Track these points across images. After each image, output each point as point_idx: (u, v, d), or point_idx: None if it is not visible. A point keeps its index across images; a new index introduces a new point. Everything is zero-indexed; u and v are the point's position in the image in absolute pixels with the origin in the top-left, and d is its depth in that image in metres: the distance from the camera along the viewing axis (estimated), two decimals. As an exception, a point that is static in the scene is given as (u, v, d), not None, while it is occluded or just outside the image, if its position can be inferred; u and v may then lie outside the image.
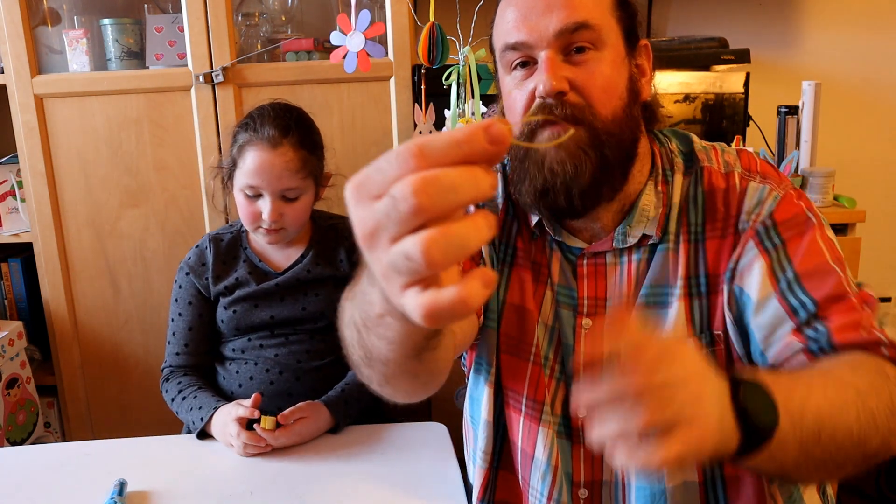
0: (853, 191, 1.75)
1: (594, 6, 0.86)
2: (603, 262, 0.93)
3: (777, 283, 0.84)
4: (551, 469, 0.94)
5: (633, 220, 0.91)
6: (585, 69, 0.85)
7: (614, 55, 0.87)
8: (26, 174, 1.80)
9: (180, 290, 1.47)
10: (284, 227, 1.41)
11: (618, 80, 0.87)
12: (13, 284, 1.97)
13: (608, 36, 0.86)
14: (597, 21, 0.85)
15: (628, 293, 0.91)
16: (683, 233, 0.90)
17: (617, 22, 0.88)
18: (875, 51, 2.13)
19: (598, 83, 0.85)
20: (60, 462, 1.21)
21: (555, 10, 0.85)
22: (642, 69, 0.92)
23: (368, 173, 0.43)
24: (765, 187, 0.88)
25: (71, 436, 1.92)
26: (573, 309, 0.94)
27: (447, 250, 0.41)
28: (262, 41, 1.86)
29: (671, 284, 0.89)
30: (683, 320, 0.88)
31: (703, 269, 0.89)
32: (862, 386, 0.72)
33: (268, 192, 1.38)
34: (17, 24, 1.72)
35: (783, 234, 0.86)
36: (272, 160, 1.37)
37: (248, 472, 1.16)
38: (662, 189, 0.92)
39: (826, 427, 0.67)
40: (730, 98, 1.76)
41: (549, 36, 0.85)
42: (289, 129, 1.39)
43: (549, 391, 0.95)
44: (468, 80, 1.57)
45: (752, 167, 0.92)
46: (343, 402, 1.33)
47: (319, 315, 1.44)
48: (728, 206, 0.89)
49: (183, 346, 1.45)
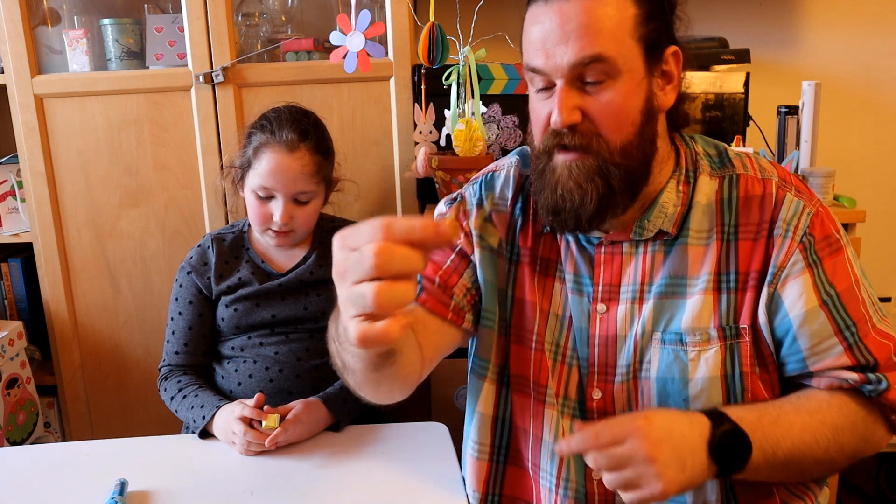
0: (853, 191, 1.74)
1: (611, 34, 0.87)
2: (620, 252, 0.98)
3: (820, 297, 0.92)
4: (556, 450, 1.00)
5: (652, 215, 0.96)
6: (598, 100, 0.88)
7: (630, 81, 0.89)
8: (26, 174, 1.80)
9: (181, 289, 1.47)
10: (294, 229, 1.42)
11: (631, 107, 0.90)
12: (13, 284, 1.97)
13: (625, 62, 0.88)
14: (611, 52, 0.86)
15: (642, 282, 0.97)
16: (717, 232, 0.95)
17: (638, 41, 0.89)
18: (875, 51, 2.13)
19: (609, 114, 0.89)
20: (60, 462, 1.21)
21: (570, 41, 0.86)
22: (669, 75, 0.94)
23: (353, 230, 0.60)
24: (800, 202, 0.94)
25: (71, 436, 1.92)
26: (588, 296, 0.99)
27: (391, 299, 0.58)
28: (262, 41, 1.86)
29: (692, 276, 0.95)
30: (709, 310, 0.93)
31: (734, 266, 0.94)
32: (841, 424, 0.90)
33: (281, 195, 1.38)
34: (17, 24, 1.72)
35: (819, 253, 0.93)
36: (289, 163, 1.37)
37: (249, 472, 1.16)
38: (683, 189, 0.97)
39: (794, 460, 0.87)
40: (730, 98, 1.76)
41: (564, 67, 0.87)
42: (307, 133, 1.40)
43: (555, 376, 1.00)
44: (468, 80, 1.57)
45: (788, 179, 0.98)
46: (342, 399, 1.33)
47: (320, 314, 1.44)
48: (763, 211, 0.94)
49: (182, 346, 1.45)
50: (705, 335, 0.93)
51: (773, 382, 0.96)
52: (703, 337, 0.93)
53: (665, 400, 0.95)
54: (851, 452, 0.92)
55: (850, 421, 0.91)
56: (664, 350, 0.95)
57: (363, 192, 1.80)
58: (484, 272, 1.04)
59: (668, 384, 0.94)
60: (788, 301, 0.92)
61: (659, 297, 0.96)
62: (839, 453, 0.90)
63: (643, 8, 0.89)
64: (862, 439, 0.92)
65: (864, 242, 1.62)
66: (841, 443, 0.90)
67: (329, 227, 1.52)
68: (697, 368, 0.93)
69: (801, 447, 0.88)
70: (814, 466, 0.90)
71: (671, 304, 0.95)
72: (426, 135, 1.71)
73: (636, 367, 0.96)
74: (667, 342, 0.94)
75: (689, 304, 0.94)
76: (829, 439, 0.89)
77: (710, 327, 0.93)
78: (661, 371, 0.95)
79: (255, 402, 1.25)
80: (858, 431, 0.92)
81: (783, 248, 0.92)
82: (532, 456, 1.04)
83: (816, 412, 0.90)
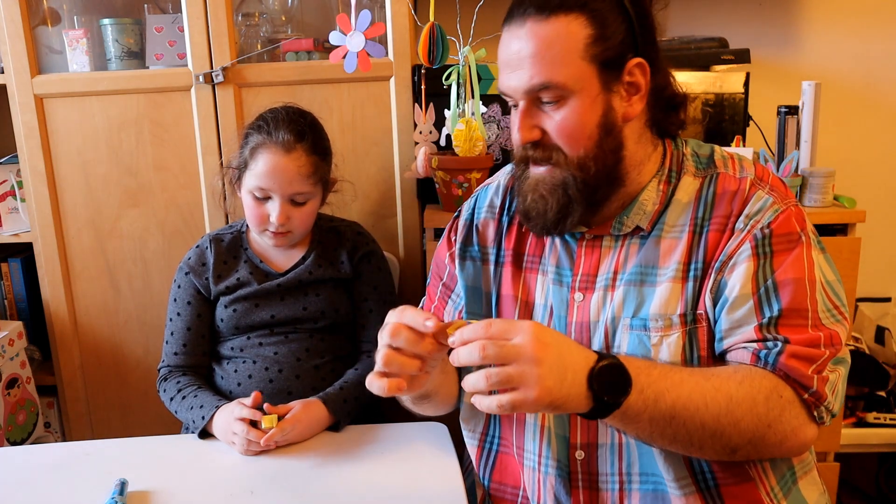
0: (853, 191, 1.74)
1: (560, 60, 0.94)
2: (599, 246, 1.05)
3: (757, 287, 0.95)
4: (539, 428, 1.05)
5: (631, 212, 1.02)
6: (554, 118, 0.96)
7: (584, 98, 0.95)
8: (26, 174, 1.80)
9: (179, 289, 1.47)
10: (291, 230, 1.42)
11: (587, 122, 0.96)
12: (13, 284, 1.97)
13: (576, 83, 0.94)
14: (560, 77, 0.93)
15: (615, 271, 1.03)
16: (690, 225, 1.00)
17: (590, 61, 0.94)
18: (875, 51, 2.13)
19: (565, 131, 0.96)
20: (60, 462, 1.21)
21: (523, 69, 0.95)
22: (635, 86, 0.98)
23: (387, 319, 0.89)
24: (769, 198, 0.98)
25: (71, 436, 1.92)
26: (567, 286, 1.06)
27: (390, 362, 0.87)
28: (262, 41, 1.86)
29: (660, 266, 1.00)
30: (676, 298, 0.98)
31: (701, 255, 0.98)
32: (738, 397, 0.89)
33: (278, 196, 1.38)
34: (17, 24, 1.72)
35: (774, 246, 0.96)
36: (285, 164, 1.37)
37: (249, 472, 1.16)
38: (663, 188, 1.03)
39: (678, 416, 0.88)
40: (730, 98, 1.76)
41: (520, 92, 0.96)
42: (304, 134, 1.39)
43: None
44: (468, 80, 1.57)
45: (764, 178, 1.01)
46: (342, 399, 1.33)
47: (320, 315, 1.44)
48: (733, 205, 0.99)
49: (181, 346, 1.45)
50: (668, 321, 0.97)
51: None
52: (665, 323, 0.97)
53: None
54: (750, 432, 0.90)
55: (750, 396, 0.89)
56: (631, 335, 0.99)
57: (363, 193, 1.80)
58: (467, 281, 1.14)
59: None
60: (728, 286, 0.96)
61: (628, 284, 1.01)
62: (732, 426, 0.89)
63: (597, 28, 0.94)
64: (762, 421, 0.90)
65: (864, 242, 1.62)
66: (735, 416, 0.88)
67: (327, 227, 1.52)
68: (660, 353, 0.97)
69: (686, 404, 0.88)
70: (701, 432, 0.89)
71: (641, 291, 1.00)
72: (426, 135, 1.71)
73: (607, 352, 0.99)
74: (634, 328, 0.99)
75: (657, 292, 0.99)
76: (720, 406, 0.88)
77: (674, 314, 0.97)
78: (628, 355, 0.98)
79: (251, 401, 1.25)
80: (758, 411, 0.89)
81: (737, 238, 0.96)
82: (516, 439, 1.09)
83: (713, 377, 0.91)
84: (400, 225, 1.83)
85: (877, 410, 1.90)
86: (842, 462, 1.78)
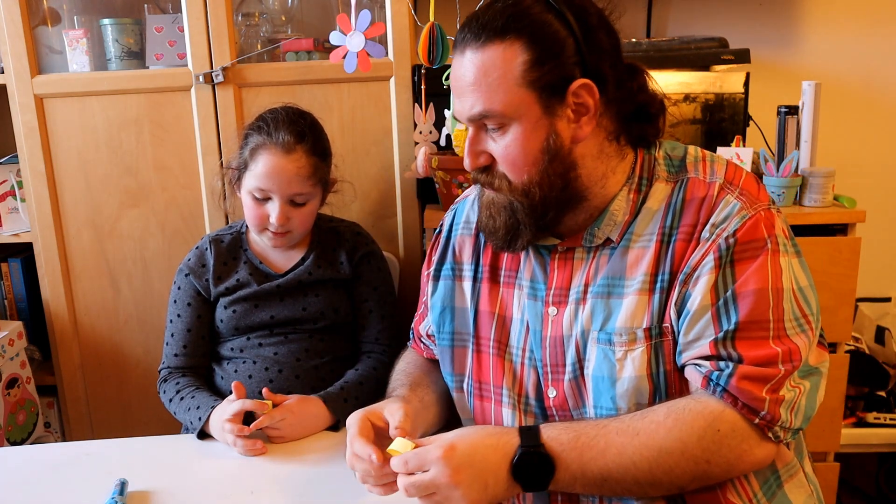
0: (853, 191, 1.74)
1: (497, 88, 0.92)
2: (572, 258, 1.04)
3: (716, 299, 0.92)
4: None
5: (602, 223, 1.00)
6: (498, 145, 0.96)
7: (526, 125, 0.94)
8: (26, 174, 1.80)
9: (179, 291, 1.47)
10: (291, 230, 1.42)
11: (530, 149, 0.95)
12: (13, 284, 1.97)
13: (515, 111, 0.93)
14: (497, 106, 0.93)
15: (585, 284, 1.01)
16: (658, 234, 0.97)
17: (528, 87, 0.93)
18: (875, 51, 2.13)
19: (508, 158, 0.96)
20: (60, 462, 1.21)
21: (464, 97, 0.96)
22: (584, 106, 0.95)
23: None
24: (737, 204, 0.95)
25: (71, 436, 1.92)
26: (541, 300, 1.04)
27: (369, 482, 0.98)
28: (262, 41, 1.86)
29: (627, 277, 0.98)
30: (642, 310, 0.96)
31: (668, 267, 0.96)
32: (667, 447, 0.89)
33: (277, 197, 1.38)
34: (17, 24, 1.72)
35: (737, 255, 0.92)
36: (285, 165, 1.37)
37: (248, 472, 1.16)
38: (633, 197, 1.00)
39: (610, 479, 0.90)
40: (730, 98, 1.76)
41: (465, 119, 0.97)
42: (304, 135, 1.39)
43: (514, 377, 1.06)
44: (468, 80, 1.57)
45: (735, 181, 0.98)
46: (342, 399, 1.33)
47: (319, 315, 1.44)
48: (701, 213, 0.96)
49: (181, 348, 1.45)
50: (632, 335, 0.96)
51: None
52: (629, 337, 0.96)
53: (598, 397, 0.98)
54: (689, 474, 0.90)
55: (680, 442, 0.89)
56: (598, 349, 0.98)
57: (363, 193, 1.80)
58: (437, 301, 1.14)
59: (600, 382, 0.98)
60: (690, 299, 0.94)
61: (596, 296, 0.99)
62: (666, 475, 0.90)
63: (534, 53, 0.91)
64: (699, 461, 0.90)
65: (864, 242, 1.62)
66: (668, 465, 0.89)
67: (327, 228, 1.52)
68: (624, 368, 0.96)
69: (615, 468, 0.90)
70: (636, 487, 0.91)
71: (608, 304, 0.98)
72: (426, 135, 1.71)
73: (581, 365, 1.00)
74: (600, 342, 0.98)
75: (624, 304, 0.97)
76: (650, 461, 0.89)
77: (639, 328, 0.96)
78: (595, 369, 0.98)
79: (234, 394, 1.25)
80: (692, 454, 0.89)
81: (702, 249, 0.94)
82: None
83: (641, 433, 0.91)
84: (400, 225, 1.83)
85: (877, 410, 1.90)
86: (842, 462, 1.78)
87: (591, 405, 0.99)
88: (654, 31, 2.11)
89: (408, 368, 1.21)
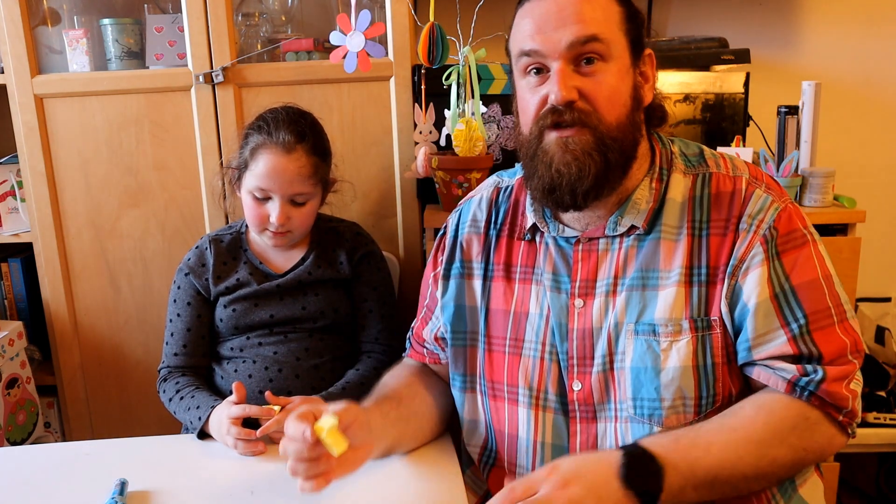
0: (853, 191, 1.74)
1: (604, 20, 0.95)
2: (596, 249, 1.03)
3: (773, 289, 0.94)
4: (532, 444, 1.05)
5: (625, 211, 1.01)
6: (593, 80, 0.95)
7: (620, 66, 0.96)
8: (26, 174, 1.80)
9: (179, 290, 1.47)
10: (291, 230, 1.42)
11: (622, 89, 0.97)
12: (13, 284, 1.97)
13: (615, 48, 0.96)
14: (606, 35, 0.95)
15: (615, 276, 1.01)
16: (687, 227, 0.99)
17: (625, 35, 0.97)
18: (875, 51, 2.13)
19: (604, 93, 0.95)
20: (60, 462, 1.21)
21: (568, 25, 0.94)
22: (646, 76, 1.01)
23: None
24: (768, 197, 0.98)
25: (71, 436, 1.92)
26: (566, 292, 1.04)
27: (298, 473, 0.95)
28: (262, 41, 1.86)
29: (664, 269, 0.99)
30: (681, 302, 0.97)
31: (704, 260, 0.97)
32: (767, 438, 0.91)
33: (278, 196, 1.38)
34: (17, 24, 1.72)
35: (781, 247, 0.96)
36: (286, 165, 1.37)
37: (248, 472, 1.16)
38: (656, 186, 1.02)
39: (720, 477, 0.90)
40: (730, 98, 1.76)
41: (562, 48, 0.94)
42: (304, 135, 1.39)
43: (532, 373, 1.05)
44: (468, 80, 1.57)
45: (759, 177, 1.01)
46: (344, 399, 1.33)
47: (319, 314, 1.44)
48: (732, 206, 0.98)
49: (181, 347, 1.45)
50: (677, 326, 0.96)
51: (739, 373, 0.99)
52: (675, 328, 0.96)
53: (639, 389, 0.98)
54: (790, 463, 0.93)
55: (777, 433, 0.92)
56: (637, 340, 0.98)
57: (363, 193, 1.80)
58: (449, 301, 1.13)
59: (642, 373, 0.98)
60: (745, 292, 0.95)
61: (630, 289, 1.00)
62: (773, 465, 0.92)
63: (626, 9, 0.98)
64: (796, 449, 0.93)
65: (864, 242, 1.62)
66: (772, 456, 0.91)
67: (327, 228, 1.52)
68: (669, 358, 0.96)
69: (723, 465, 0.90)
70: (744, 482, 0.92)
71: (643, 296, 0.99)
72: (426, 135, 1.71)
73: (611, 358, 1.00)
74: (640, 333, 0.98)
75: (661, 296, 0.98)
76: (755, 454, 0.91)
77: (682, 319, 0.96)
78: (635, 361, 0.98)
79: (236, 396, 1.23)
80: (789, 442, 0.92)
81: (746, 241, 0.96)
82: (508, 455, 1.09)
83: (739, 429, 0.92)
84: (400, 225, 1.83)
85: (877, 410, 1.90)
86: (842, 462, 1.78)
87: (627, 397, 0.99)
88: (654, 31, 2.11)
89: (387, 384, 1.18)
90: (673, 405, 0.96)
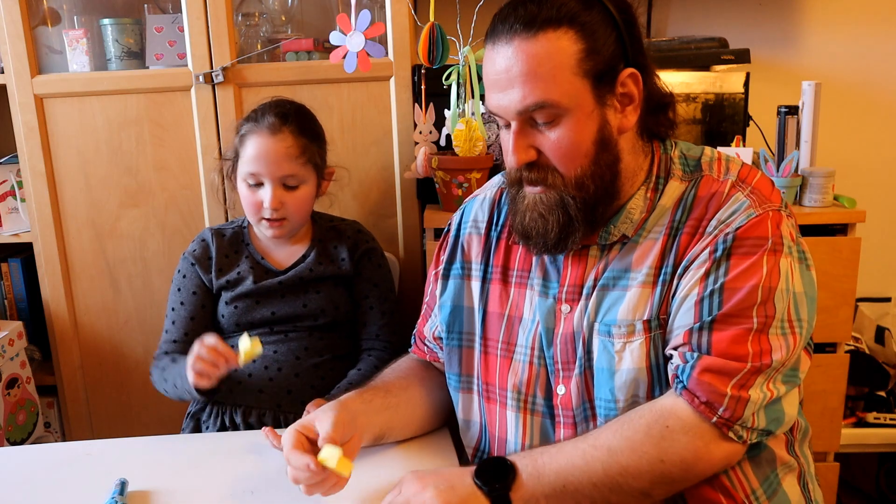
0: (853, 191, 1.74)
1: (552, 78, 0.90)
2: (586, 255, 1.03)
3: (704, 289, 0.92)
4: (520, 448, 1.05)
5: (618, 221, 1.00)
6: (549, 137, 0.94)
7: (579, 115, 0.93)
8: (26, 174, 1.80)
9: (184, 279, 1.47)
10: (286, 216, 1.41)
11: (583, 140, 0.94)
12: (13, 284, 1.97)
13: (570, 100, 0.92)
14: (554, 95, 0.91)
15: (595, 279, 1.01)
16: (666, 228, 0.98)
17: (583, 77, 0.92)
18: (875, 51, 2.13)
19: (561, 150, 0.94)
20: (60, 462, 1.21)
21: (514, 88, 0.91)
22: (628, 97, 0.96)
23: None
24: (745, 201, 0.94)
25: (71, 436, 1.92)
26: (553, 297, 1.04)
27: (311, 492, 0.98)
28: (262, 41, 1.86)
29: (635, 270, 0.98)
30: (644, 303, 0.96)
31: (672, 259, 0.96)
32: (616, 445, 0.90)
33: (268, 179, 1.39)
34: (17, 24, 1.72)
35: (734, 251, 0.92)
36: (272, 146, 1.38)
37: (249, 472, 1.16)
38: (650, 196, 1.00)
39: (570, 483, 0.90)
40: (730, 98, 1.76)
41: (512, 112, 0.93)
42: (287, 116, 1.41)
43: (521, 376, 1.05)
44: (468, 80, 1.57)
45: (748, 180, 0.98)
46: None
47: (320, 312, 1.44)
48: (709, 208, 0.96)
49: (182, 335, 1.44)
50: (631, 327, 0.96)
51: None
52: (628, 329, 0.96)
53: (599, 389, 0.98)
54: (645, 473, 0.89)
55: (628, 440, 0.90)
56: (600, 341, 0.98)
57: (363, 193, 1.80)
58: (447, 301, 1.14)
59: (600, 374, 0.98)
60: (679, 289, 0.94)
61: (602, 289, 1.00)
62: (622, 475, 0.89)
63: (587, 42, 0.91)
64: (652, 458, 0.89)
65: (864, 242, 1.62)
66: (620, 465, 0.89)
67: (328, 226, 1.52)
68: (623, 360, 0.96)
69: (571, 470, 0.91)
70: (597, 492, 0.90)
71: (612, 296, 0.99)
72: (426, 135, 1.71)
73: (587, 359, 1.00)
74: (601, 333, 0.98)
75: (627, 297, 0.97)
76: (602, 461, 0.90)
77: (638, 319, 0.96)
78: (597, 361, 0.98)
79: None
80: (643, 450, 0.89)
81: (704, 242, 0.94)
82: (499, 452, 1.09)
83: (590, 436, 0.93)
84: (400, 225, 1.83)
85: (877, 410, 1.90)
86: (842, 462, 1.78)
87: (592, 398, 1.00)
88: (654, 31, 2.11)
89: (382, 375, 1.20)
90: (627, 406, 0.96)
